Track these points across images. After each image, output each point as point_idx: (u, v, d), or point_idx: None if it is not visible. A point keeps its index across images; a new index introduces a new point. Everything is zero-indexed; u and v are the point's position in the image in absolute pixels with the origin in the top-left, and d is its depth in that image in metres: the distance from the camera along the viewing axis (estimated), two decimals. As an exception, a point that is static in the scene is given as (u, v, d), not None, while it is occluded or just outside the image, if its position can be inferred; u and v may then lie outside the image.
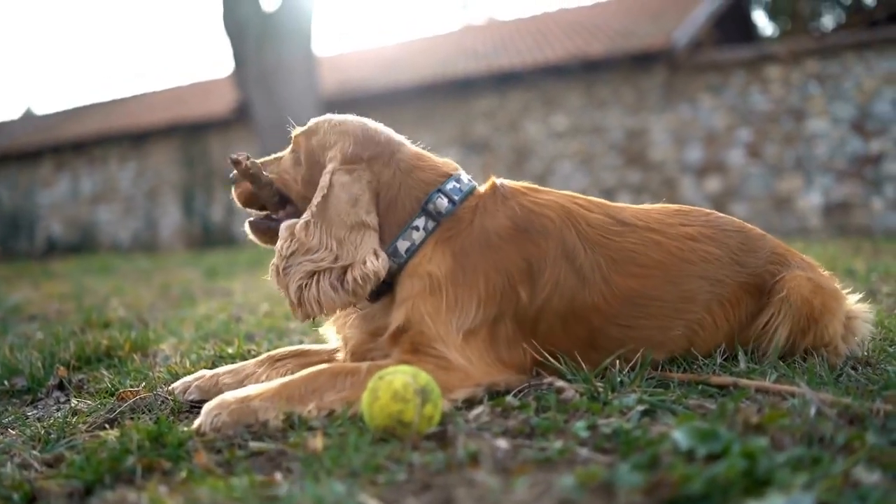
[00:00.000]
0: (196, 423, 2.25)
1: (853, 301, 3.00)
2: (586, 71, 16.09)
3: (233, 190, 2.98)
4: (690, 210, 2.90)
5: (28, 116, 33.91)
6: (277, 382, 2.38)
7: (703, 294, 2.71)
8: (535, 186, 2.82)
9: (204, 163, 20.55)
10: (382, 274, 2.54)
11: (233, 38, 15.45)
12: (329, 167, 2.67)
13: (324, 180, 2.65)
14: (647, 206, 2.89)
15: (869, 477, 1.58)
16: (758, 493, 1.50)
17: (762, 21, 30.83)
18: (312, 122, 2.87)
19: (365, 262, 2.51)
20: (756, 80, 14.65)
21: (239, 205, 2.99)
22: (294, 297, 2.54)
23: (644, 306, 2.65)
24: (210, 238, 19.69)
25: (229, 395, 2.32)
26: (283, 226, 2.66)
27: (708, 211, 2.92)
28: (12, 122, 30.61)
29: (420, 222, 2.62)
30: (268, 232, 2.88)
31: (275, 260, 2.62)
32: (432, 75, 17.58)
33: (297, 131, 2.89)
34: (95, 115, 25.09)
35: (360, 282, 2.50)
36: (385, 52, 21.99)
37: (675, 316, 2.69)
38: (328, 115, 2.88)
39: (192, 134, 20.80)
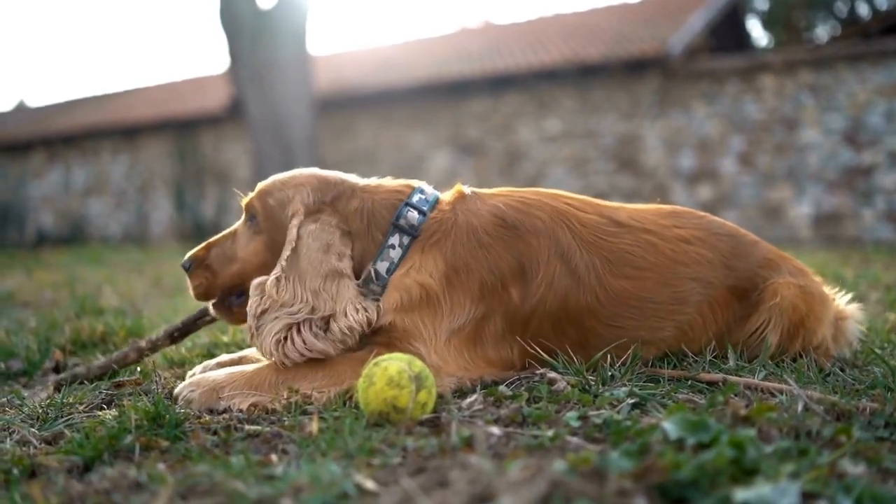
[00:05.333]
0: (176, 391, 2.42)
1: (843, 302, 3.04)
2: (581, 75, 16.12)
3: (189, 284, 2.82)
4: (684, 212, 2.92)
5: (21, 108, 33.80)
6: (251, 369, 2.45)
7: (694, 296, 2.74)
8: (512, 189, 2.83)
9: (196, 158, 20.52)
10: (365, 324, 2.49)
11: (228, 34, 15.42)
12: (294, 221, 2.61)
13: (291, 234, 2.58)
14: (641, 206, 2.91)
15: (854, 469, 1.62)
16: (745, 482, 1.53)
17: (757, 31, 30.99)
18: (263, 184, 2.76)
19: (347, 314, 2.47)
20: (750, 89, 14.70)
21: (196, 299, 2.85)
22: (273, 350, 2.44)
23: (637, 308, 2.67)
24: (201, 233, 19.60)
25: (210, 376, 2.42)
26: (253, 284, 2.57)
27: (701, 214, 2.94)
28: (5, 114, 30.49)
29: (395, 240, 2.60)
30: (232, 309, 2.79)
31: (248, 321, 2.53)
32: (426, 76, 17.58)
33: (246, 198, 2.76)
34: (88, 109, 25.00)
35: (347, 332, 2.45)
36: (380, 53, 21.97)
37: (666, 317, 2.72)
38: (277, 175, 2.78)
39: (185, 129, 20.76)
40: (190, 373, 2.76)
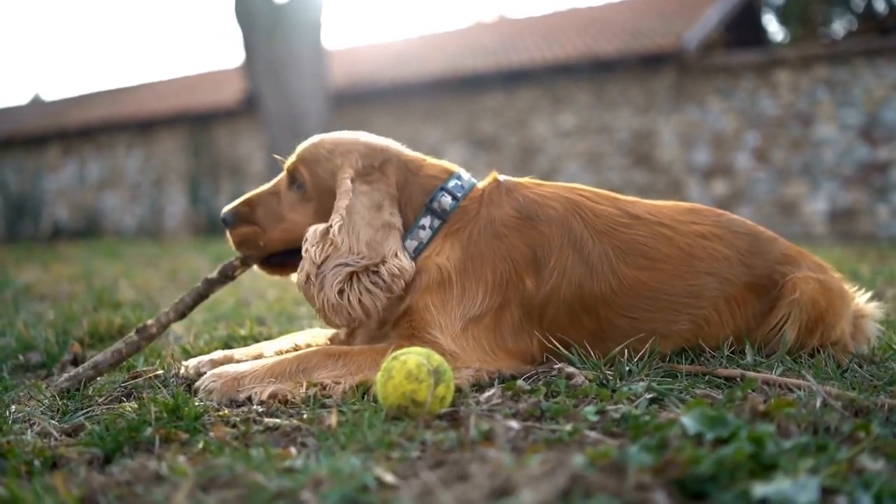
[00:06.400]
0: (197, 383, 2.46)
1: (863, 301, 3.03)
2: (595, 70, 16.09)
3: (229, 236, 2.88)
4: (702, 209, 2.92)
5: (36, 102, 33.92)
6: (272, 360, 2.49)
7: (710, 290, 2.74)
8: (538, 181, 2.88)
9: (210, 152, 20.57)
10: (411, 271, 2.58)
11: (243, 28, 15.46)
12: (346, 177, 2.67)
13: (345, 186, 2.65)
14: (659, 202, 2.92)
15: (873, 465, 1.62)
16: (764, 477, 1.53)
17: (773, 26, 30.82)
18: (306, 149, 2.81)
19: (395, 257, 2.56)
20: (765, 84, 14.64)
21: (236, 249, 2.88)
22: (334, 300, 2.50)
23: (651, 298, 2.69)
24: (215, 227, 19.61)
25: (230, 368, 2.47)
26: (312, 230, 2.62)
27: (720, 211, 2.94)
28: (20, 108, 30.61)
29: (426, 221, 2.70)
30: (284, 266, 2.87)
31: (305, 267, 2.57)
32: (441, 71, 17.58)
33: (290, 161, 2.83)
34: (103, 102, 25.06)
35: (395, 276, 2.54)
36: (394, 47, 21.97)
37: (681, 310, 2.72)
38: (320, 139, 2.84)
39: (200, 123, 20.80)
40: (184, 363, 2.81)
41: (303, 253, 2.59)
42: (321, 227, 2.61)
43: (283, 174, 2.86)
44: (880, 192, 13.65)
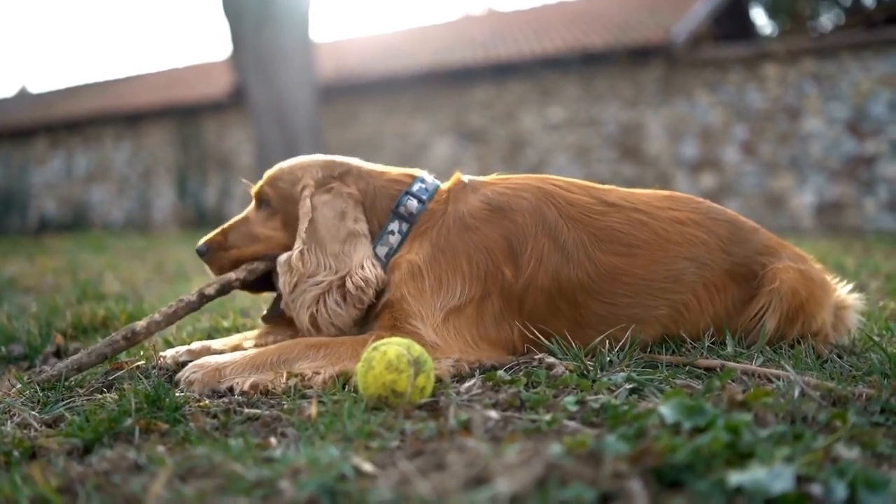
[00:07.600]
0: (178, 374, 2.46)
1: (844, 292, 3.05)
2: (584, 63, 16.08)
3: (208, 268, 2.94)
4: (680, 196, 2.94)
5: (23, 94, 33.68)
6: (253, 351, 2.50)
7: (688, 276, 2.75)
8: (506, 175, 2.91)
9: (199, 145, 20.49)
10: (380, 279, 2.63)
11: (231, 20, 15.37)
12: (306, 192, 2.74)
13: (305, 205, 2.72)
14: (637, 190, 2.93)
15: (848, 453, 1.63)
16: (740, 465, 1.54)
17: (761, 19, 30.84)
18: (270, 173, 2.90)
19: (361, 268, 2.62)
20: (753, 77, 14.65)
21: (215, 276, 2.91)
22: (309, 324, 2.62)
23: (629, 284, 2.70)
24: (203, 220, 19.62)
25: (212, 359, 2.47)
26: (280, 262, 2.72)
27: (699, 199, 2.95)
28: (7, 100, 30.41)
29: (395, 226, 2.74)
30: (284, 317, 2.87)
31: (284, 298, 2.70)
32: (429, 63, 17.55)
33: (255, 187, 2.92)
34: (91, 95, 24.93)
35: (361, 287, 2.60)
36: (383, 40, 21.90)
37: (660, 295, 2.73)
38: (280, 164, 2.93)
39: (188, 116, 20.71)
40: (162, 353, 2.82)
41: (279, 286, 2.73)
42: (287, 256, 2.70)
43: (251, 203, 2.95)
44: (867, 186, 13.69)
